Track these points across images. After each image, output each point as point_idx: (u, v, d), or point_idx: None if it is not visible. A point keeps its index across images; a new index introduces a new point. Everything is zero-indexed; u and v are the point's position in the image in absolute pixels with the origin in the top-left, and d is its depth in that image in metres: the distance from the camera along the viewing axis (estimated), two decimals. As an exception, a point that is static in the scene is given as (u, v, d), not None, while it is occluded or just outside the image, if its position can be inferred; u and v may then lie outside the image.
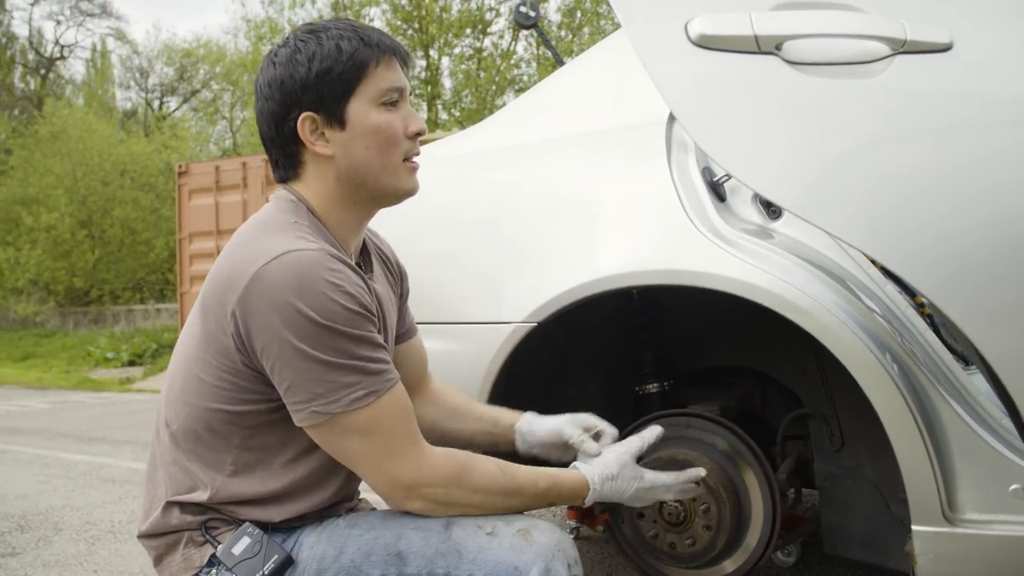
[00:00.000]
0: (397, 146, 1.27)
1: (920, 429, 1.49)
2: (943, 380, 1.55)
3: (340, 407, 1.13)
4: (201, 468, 1.23)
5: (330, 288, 1.12)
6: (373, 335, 1.18)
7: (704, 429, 1.80)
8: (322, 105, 1.24)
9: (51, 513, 3.80)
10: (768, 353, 1.98)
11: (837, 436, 1.86)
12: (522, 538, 1.22)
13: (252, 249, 1.16)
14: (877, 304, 1.62)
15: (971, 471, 1.50)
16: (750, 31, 0.94)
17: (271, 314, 1.11)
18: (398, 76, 1.28)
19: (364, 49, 1.24)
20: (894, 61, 0.96)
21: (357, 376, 1.14)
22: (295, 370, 1.12)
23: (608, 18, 16.07)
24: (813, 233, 1.71)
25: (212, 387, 1.20)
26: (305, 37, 1.26)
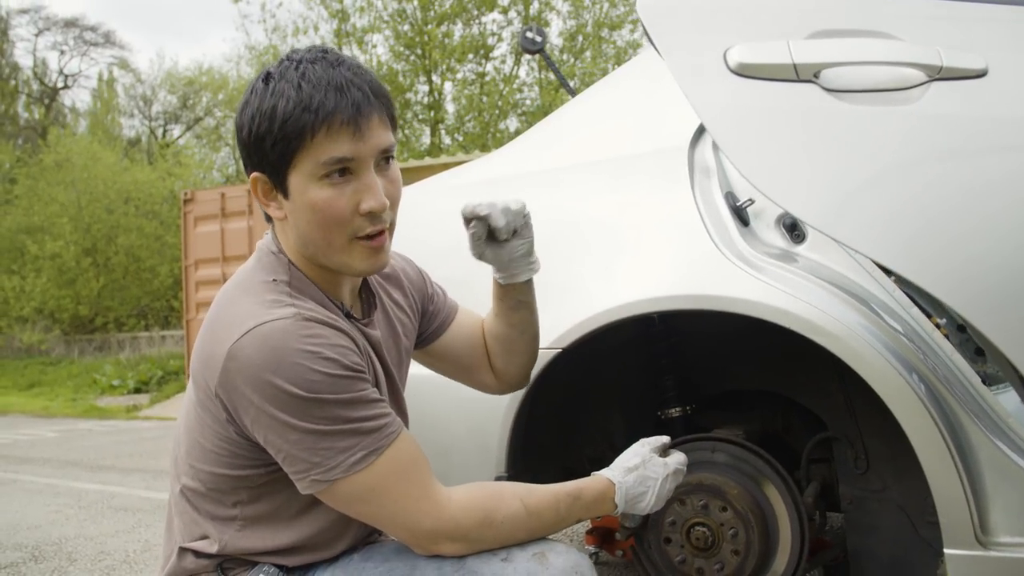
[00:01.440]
0: (341, 226, 1.12)
1: (951, 451, 1.48)
2: (971, 401, 1.55)
3: (339, 473, 1.08)
4: (210, 522, 1.22)
5: (307, 358, 1.05)
6: (364, 393, 1.11)
7: (730, 454, 1.80)
8: (266, 169, 1.13)
9: (65, 543, 3.79)
10: (790, 376, 1.98)
11: (862, 459, 1.86)
12: (538, 562, 1.19)
13: (226, 323, 1.11)
14: (902, 326, 1.63)
15: (1003, 493, 1.50)
16: (789, 59, 0.95)
17: (251, 393, 1.06)
18: (346, 146, 1.09)
19: (302, 116, 1.07)
20: (930, 88, 0.97)
21: (353, 439, 1.09)
22: (288, 442, 1.08)
23: (610, 42, 16.20)
24: (837, 256, 1.71)
25: (212, 452, 1.17)
26: (259, 86, 1.12)
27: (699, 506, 1.73)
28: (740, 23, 1.00)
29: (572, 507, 1.26)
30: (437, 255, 2.00)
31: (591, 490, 1.30)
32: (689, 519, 1.75)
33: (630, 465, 1.35)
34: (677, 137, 1.81)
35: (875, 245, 0.98)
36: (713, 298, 1.61)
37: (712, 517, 1.73)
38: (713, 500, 1.73)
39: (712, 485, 1.73)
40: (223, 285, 1.21)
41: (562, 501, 1.25)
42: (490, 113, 16.43)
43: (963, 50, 0.98)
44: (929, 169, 0.98)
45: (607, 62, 15.98)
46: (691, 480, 1.76)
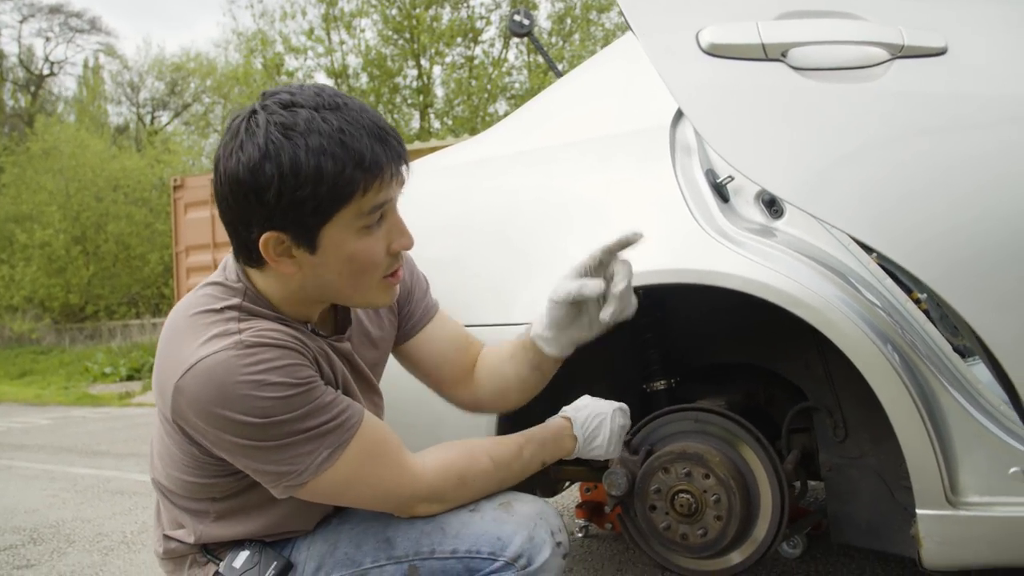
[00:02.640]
0: (376, 271, 1.15)
1: (922, 417, 1.54)
2: (943, 370, 1.61)
3: (309, 475, 1.12)
4: (186, 514, 1.27)
5: (252, 387, 1.04)
6: (318, 401, 1.11)
7: (712, 423, 1.85)
8: (291, 228, 1.08)
9: (62, 526, 3.84)
10: (771, 349, 2.04)
11: (841, 427, 1.92)
12: (503, 510, 1.26)
13: (171, 358, 1.11)
14: (878, 299, 1.68)
15: (972, 456, 1.56)
16: (757, 39, 1.00)
17: (205, 424, 1.08)
18: (387, 192, 1.09)
19: (353, 172, 1.04)
20: (893, 65, 1.02)
21: (315, 443, 1.11)
22: (252, 459, 1.11)
23: (599, 24, 16.20)
24: (814, 231, 1.77)
25: (180, 461, 1.21)
26: (277, 138, 1.03)
27: (682, 474, 1.79)
28: (712, 4, 1.05)
29: (536, 451, 1.35)
30: (425, 235, 2.04)
31: (550, 430, 1.39)
32: (673, 487, 1.80)
33: (579, 405, 1.46)
34: (659, 117, 1.85)
35: (847, 219, 1.03)
36: (694, 272, 1.66)
37: (695, 484, 1.78)
38: (696, 468, 1.78)
39: (695, 453, 1.79)
40: (176, 305, 1.20)
41: (525, 448, 1.33)
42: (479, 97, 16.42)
43: (925, 29, 1.03)
44: (895, 145, 1.04)
45: (595, 44, 15.97)
46: (675, 449, 1.82)
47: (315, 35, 15.61)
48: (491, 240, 2.02)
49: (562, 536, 1.29)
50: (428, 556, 1.23)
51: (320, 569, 1.26)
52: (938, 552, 1.57)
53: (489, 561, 1.22)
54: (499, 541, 1.22)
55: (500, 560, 1.22)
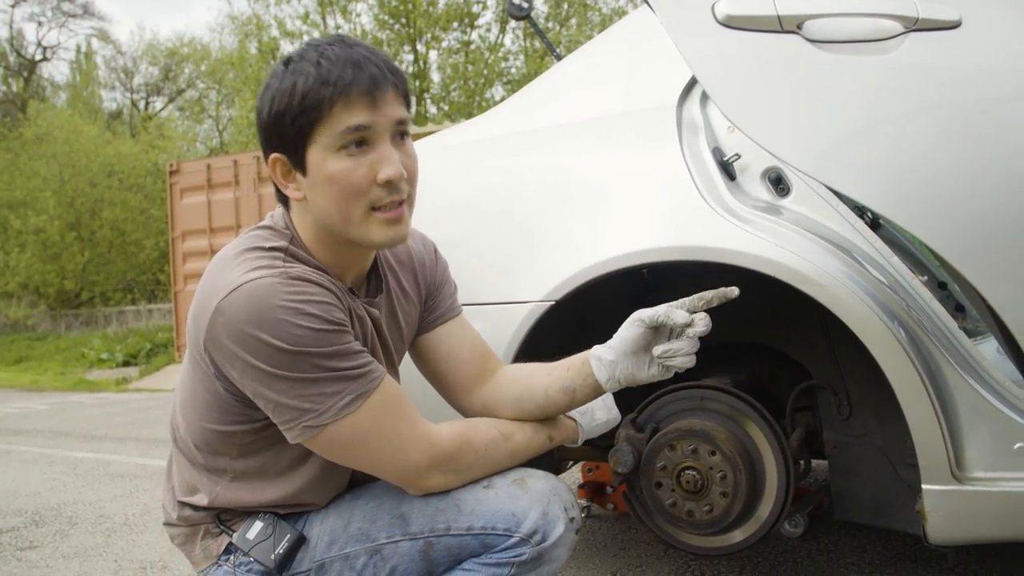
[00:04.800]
0: (359, 197, 1.15)
1: (929, 393, 1.55)
2: (949, 347, 1.61)
3: (330, 417, 1.12)
4: (203, 474, 1.28)
5: (290, 313, 1.08)
6: (348, 345, 1.14)
7: (718, 400, 1.86)
8: (286, 148, 1.16)
9: (64, 508, 3.84)
10: (776, 328, 2.05)
11: (845, 406, 1.93)
12: (518, 486, 1.27)
13: (216, 282, 1.14)
14: (884, 276, 1.69)
15: (977, 432, 1.58)
16: (773, 11, 1.00)
17: (237, 347, 1.10)
18: (363, 115, 1.12)
19: (319, 89, 1.11)
20: (907, 38, 1.02)
21: (340, 384, 1.12)
22: (276, 391, 1.11)
23: (595, 9, 16.12)
24: (820, 209, 1.77)
25: (203, 408, 1.22)
26: (279, 70, 1.16)
27: (689, 451, 1.80)
28: (728, -23, 1.05)
29: (537, 426, 1.38)
30: (429, 215, 2.05)
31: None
32: (679, 463, 1.81)
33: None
34: (665, 95, 1.85)
35: (859, 189, 1.04)
36: (702, 249, 1.66)
37: (701, 461, 1.80)
38: (702, 445, 1.79)
39: (701, 430, 1.80)
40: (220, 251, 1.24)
41: (526, 423, 1.37)
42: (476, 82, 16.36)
43: (939, 2, 1.03)
44: (908, 117, 1.04)
45: (592, 29, 15.92)
46: (681, 426, 1.83)
47: (310, 19, 15.53)
48: (495, 219, 2.02)
49: (575, 512, 1.30)
50: (443, 533, 1.24)
51: (333, 544, 1.26)
52: (943, 527, 1.58)
53: (504, 537, 1.23)
54: (514, 517, 1.23)
55: (515, 536, 1.23)
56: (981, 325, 2.52)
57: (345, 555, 1.26)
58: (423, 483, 1.22)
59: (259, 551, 1.24)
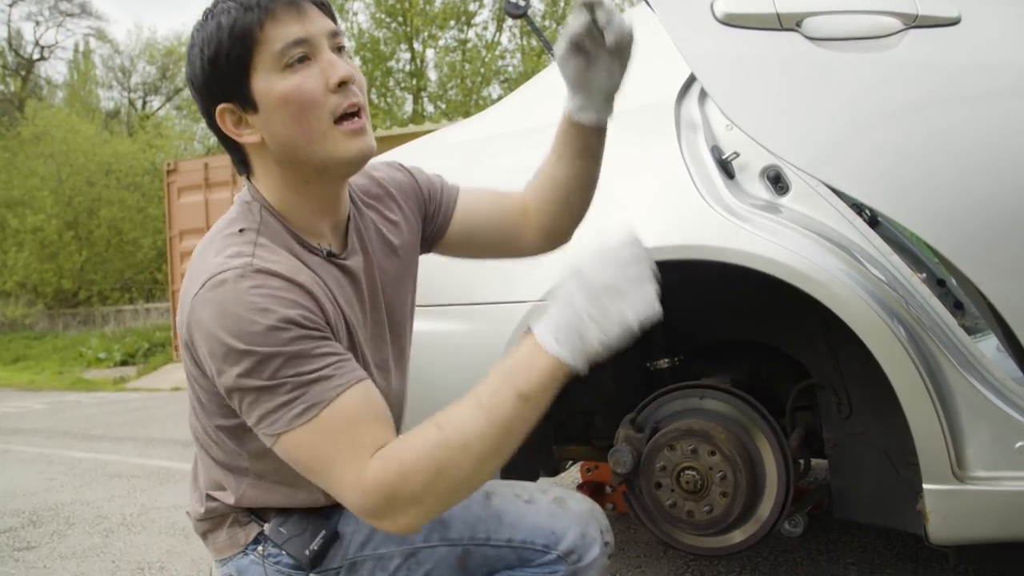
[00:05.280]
0: (317, 108, 1.10)
1: (929, 392, 1.55)
2: (949, 345, 1.61)
3: (282, 426, 1.02)
4: (227, 472, 1.23)
5: (248, 310, 1.02)
6: (311, 346, 1.03)
7: (719, 400, 1.86)
8: (229, 93, 1.12)
9: (62, 508, 3.83)
10: (774, 326, 2.04)
11: (845, 404, 1.92)
12: (558, 505, 1.27)
13: (191, 278, 1.10)
14: (883, 274, 1.68)
15: (978, 431, 1.57)
16: (772, 9, 0.99)
17: (204, 346, 1.05)
18: (295, 28, 1.09)
19: (244, 16, 1.08)
20: (907, 35, 1.01)
21: (294, 392, 1.01)
22: (240, 395, 1.05)
23: (592, 7, 16.10)
24: (819, 207, 1.76)
25: (207, 405, 1.18)
26: (198, 24, 1.14)
27: (688, 451, 1.79)
28: (727, -27, 1.04)
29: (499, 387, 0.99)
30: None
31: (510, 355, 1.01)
32: (679, 464, 1.81)
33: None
34: (663, 93, 1.84)
35: (855, 184, 1.03)
36: (701, 248, 1.66)
37: (701, 461, 1.79)
38: (702, 445, 1.79)
39: (701, 430, 1.79)
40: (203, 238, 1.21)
41: (481, 394, 1.00)
42: (472, 80, 16.34)
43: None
44: (908, 114, 1.03)
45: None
46: (680, 426, 1.82)
47: (308, 18, 15.50)
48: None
49: (610, 536, 1.29)
50: (483, 542, 1.23)
51: (368, 543, 1.23)
52: (944, 527, 1.57)
53: (542, 553, 1.22)
54: (553, 535, 1.23)
55: (553, 553, 1.22)
56: (980, 322, 2.52)
57: (379, 555, 1.23)
58: (387, 527, 1.02)
59: (293, 545, 1.21)
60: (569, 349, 0.96)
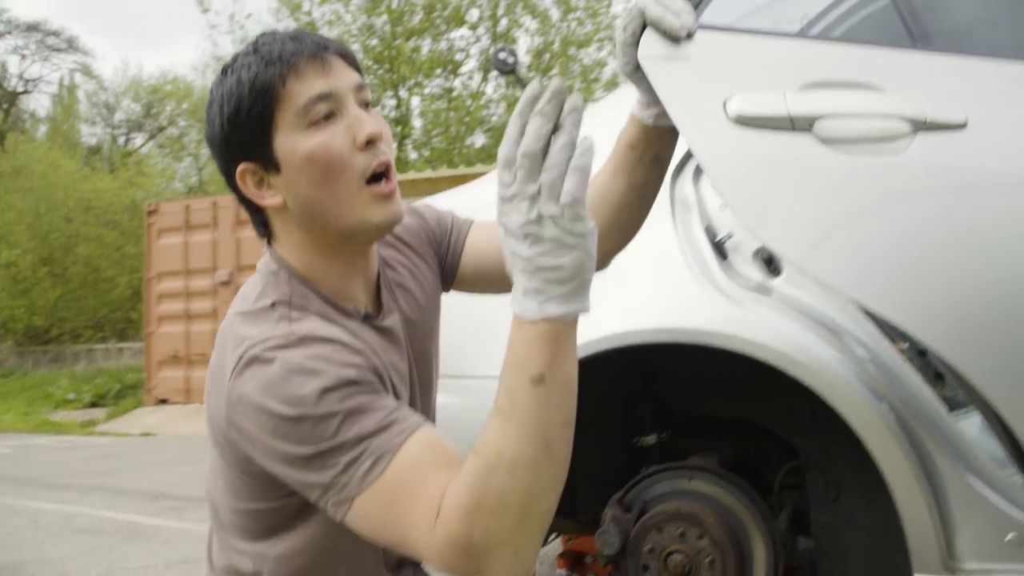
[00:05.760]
0: (345, 169, 1.03)
1: (919, 480, 1.54)
2: (940, 435, 1.60)
3: (355, 488, 0.93)
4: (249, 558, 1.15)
5: (297, 374, 0.96)
6: (368, 400, 0.97)
7: (707, 482, 1.83)
8: (250, 152, 1.06)
9: (22, 568, 3.71)
10: (763, 405, 2.03)
11: (833, 487, 1.91)
12: None
13: (226, 358, 1.04)
14: (873, 357, 1.68)
15: (969, 521, 1.56)
16: (785, 111, 0.99)
17: (251, 424, 0.98)
18: (319, 83, 1.04)
19: (266, 71, 1.03)
20: (915, 139, 1.02)
21: (359, 447, 0.94)
22: (296, 470, 0.97)
23: (577, 60, 16.33)
24: (811, 289, 1.76)
25: (244, 490, 1.10)
26: (217, 79, 1.09)
27: (677, 534, 1.77)
28: (738, 73, 1.04)
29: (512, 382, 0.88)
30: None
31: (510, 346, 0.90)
32: (667, 547, 1.78)
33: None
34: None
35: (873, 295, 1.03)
36: (695, 332, 1.65)
37: (689, 545, 1.76)
38: (690, 528, 1.76)
39: (690, 513, 1.77)
40: (224, 318, 1.13)
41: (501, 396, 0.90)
42: (457, 128, 16.46)
43: (945, 103, 1.03)
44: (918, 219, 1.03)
45: (573, 79, 16.10)
46: (668, 508, 1.80)
47: (294, 62, 15.63)
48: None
49: None
50: None
51: None
52: (936, 619, 1.56)
53: None
54: None
55: None
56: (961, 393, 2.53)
57: None
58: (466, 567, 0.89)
59: None
60: (550, 300, 0.84)
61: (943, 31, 1.13)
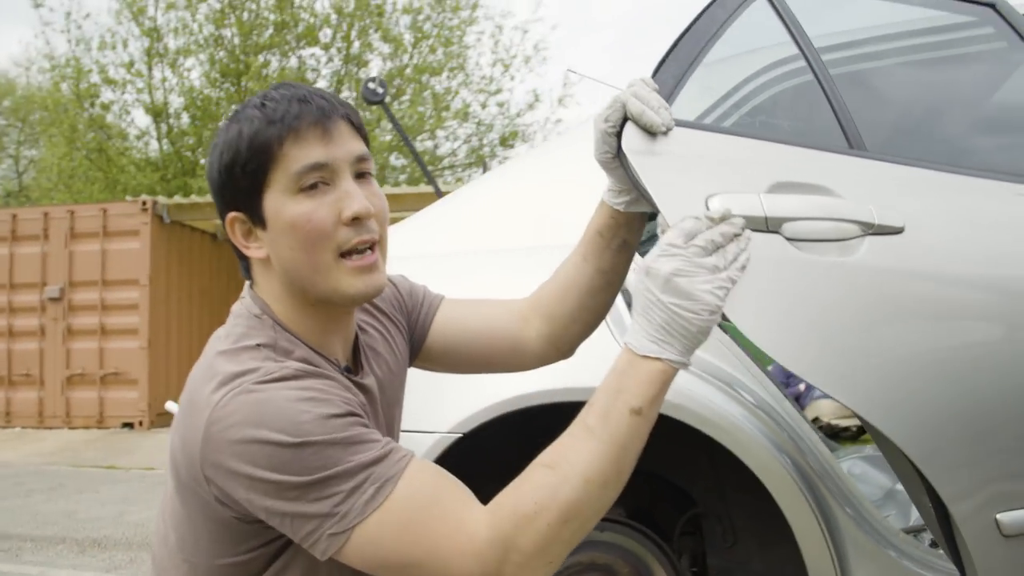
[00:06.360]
0: (324, 240, 1.03)
1: (824, 534, 1.68)
2: (833, 486, 1.75)
3: (355, 517, 0.92)
4: None
5: (295, 402, 0.94)
6: (362, 432, 0.96)
7: (617, 533, 1.90)
8: (240, 203, 1.06)
9: None
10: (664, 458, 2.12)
11: (730, 533, 2.03)
12: None
13: (200, 396, 1.00)
14: (776, 417, 1.81)
15: (862, 568, 1.71)
16: (761, 212, 1.08)
17: (238, 462, 0.94)
18: (318, 151, 1.03)
19: (266, 129, 1.03)
20: (865, 241, 1.13)
21: (361, 474, 0.93)
22: (289, 502, 0.93)
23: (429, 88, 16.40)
24: (721, 354, 1.88)
25: (201, 540, 1.05)
26: (223, 124, 1.09)
27: (592, 585, 1.83)
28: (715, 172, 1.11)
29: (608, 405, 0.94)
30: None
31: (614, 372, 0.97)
32: (582, 598, 1.84)
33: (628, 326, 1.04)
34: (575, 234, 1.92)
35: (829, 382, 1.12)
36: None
37: (605, 595, 1.82)
38: (605, 579, 1.83)
39: (604, 564, 1.84)
40: (192, 366, 1.09)
41: (589, 416, 0.95)
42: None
43: (892, 209, 1.15)
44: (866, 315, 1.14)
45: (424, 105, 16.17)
46: (583, 559, 1.86)
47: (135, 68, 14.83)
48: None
49: None
50: None
51: None
52: (835, 661, 1.69)
53: None
54: None
55: None
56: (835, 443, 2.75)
57: None
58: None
59: None
60: (670, 345, 0.93)
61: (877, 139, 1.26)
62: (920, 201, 1.19)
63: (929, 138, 1.50)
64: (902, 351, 1.13)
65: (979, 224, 1.26)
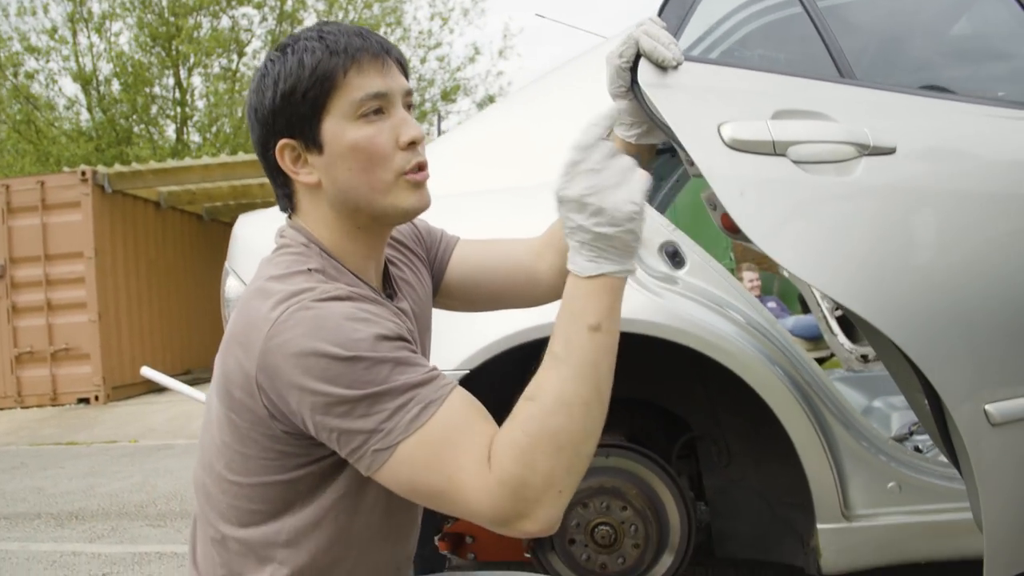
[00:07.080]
0: (385, 163, 1.10)
1: (822, 444, 1.78)
2: (828, 400, 1.85)
3: (400, 434, 0.97)
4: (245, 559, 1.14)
5: (351, 319, 1.00)
6: (411, 355, 1.01)
7: (623, 457, 1.99)
8: (296, 130, 1.12)
9: None
10: (659, 385, 2.21)
11: (724, 454, 2.13)
12: None
13: (260, 311, 1.05)
14: (771, 338, 1.90)
15: (858, 475, 1.82)
16: (768, 137, 1.14)
17: (294, 370, 0.99)
18: (378, 81, 1.10)
19: (329, 59, 1.09)
20: (861, 161, 1.21)
21: (408, 393, 0.98)
22: (339, 417, 0.98)
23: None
24: (712, 279, 1.96)
25: (251, 460, 1.10)
26: (274, 56, 1.14)
27: (602, 508, 1.91)
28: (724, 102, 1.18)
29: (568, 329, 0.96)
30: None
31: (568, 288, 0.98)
32: (592, 520, 1.92)
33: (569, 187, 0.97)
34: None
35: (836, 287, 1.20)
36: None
37: (614, 516, 1.91)
38: (614, 501, 1.91)
39: (612, 487, 1.92)
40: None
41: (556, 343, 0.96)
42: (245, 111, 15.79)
43: (885, 132, 1.23)
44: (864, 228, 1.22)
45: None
46: (592, 484, 1.94)
47: (59, 35, 14.31)
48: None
49: None
50: None
51: None
52: (835, 560, 1.81)
53: None
54: None
55: None
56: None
57: None
58: (529, 526, 0.94)
59: None
60: (606, 260, 0.96)
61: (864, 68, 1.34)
62: (907, 124, 1.28)
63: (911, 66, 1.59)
64: (901, 260, 1.22)
65: (961, 142, 1.36)
